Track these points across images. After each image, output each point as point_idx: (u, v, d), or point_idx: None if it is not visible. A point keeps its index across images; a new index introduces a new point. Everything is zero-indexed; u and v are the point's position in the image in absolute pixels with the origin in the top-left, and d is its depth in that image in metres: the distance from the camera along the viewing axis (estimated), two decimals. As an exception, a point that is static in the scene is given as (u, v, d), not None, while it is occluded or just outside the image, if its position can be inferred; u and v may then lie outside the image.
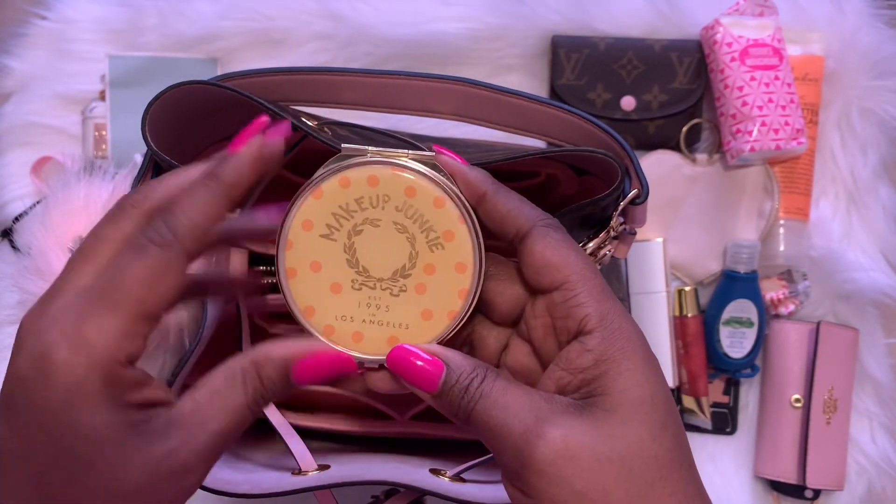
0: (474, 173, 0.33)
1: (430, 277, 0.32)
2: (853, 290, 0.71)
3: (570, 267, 0.31)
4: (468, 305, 0.32)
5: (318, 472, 0.44)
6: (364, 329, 0.32)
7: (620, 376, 0.30)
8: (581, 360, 0.30)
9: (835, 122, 0.73)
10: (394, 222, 0.32)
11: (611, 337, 0.30)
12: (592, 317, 0.31)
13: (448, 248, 0.32)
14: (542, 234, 0.32)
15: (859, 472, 0.71)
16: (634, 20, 0.73)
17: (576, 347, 0.31)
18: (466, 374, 0.30)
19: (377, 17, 0.72)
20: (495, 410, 0.29)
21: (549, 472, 0.28)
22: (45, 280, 0.50)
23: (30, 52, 0.73)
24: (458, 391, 0.30)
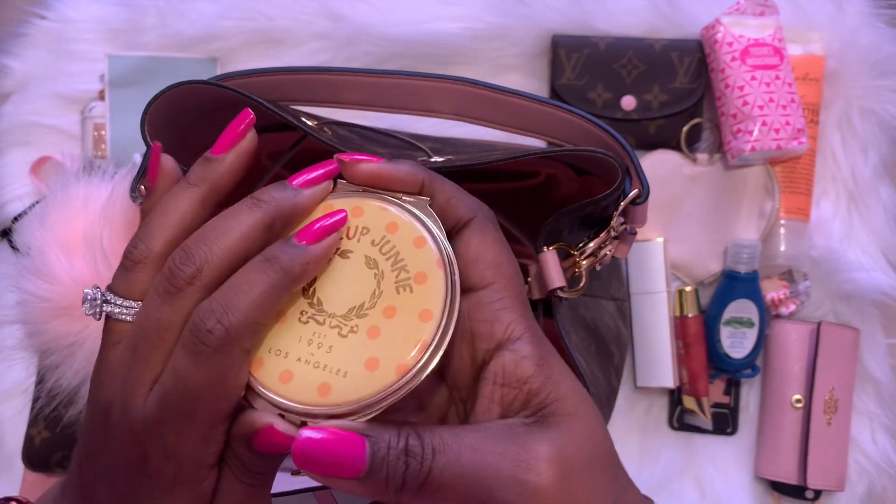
0: (404, 166, 0.30)
1: (388, 321, 0.27)
2: (854, 291, 0.71)
3: (502, 267, 0.29)
4: (422, 361, 0.26)
5: (318, 473, 0.44)
6: (296, 368, 0.27)
7: (563, 379, 0.28)
8: (521, 369, 0.28)
9: (835, 122, 0.72)
10: (366, 256, 0.28)
11: (540, 342, 0.28)
12: (520, 322, 0.28)
13: (417, 291, 0.27)
14: (482, 227, 0.29)
15: (860, 473, 0.71)
16: (635, 19, 0.73)
17: (508, 358, 0.28)
18: (395, 436, 0.26)
19: (377, 16, 0.72)
20: (464, 457, 0.26)
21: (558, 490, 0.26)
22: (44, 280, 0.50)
23: (29, 51, 0.73)
24: (396, 459, 0.25)
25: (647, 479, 0.71)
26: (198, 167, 0.31)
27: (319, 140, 0.43)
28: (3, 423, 0.70)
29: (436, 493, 0.26)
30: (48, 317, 0.50)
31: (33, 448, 0.65)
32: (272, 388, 0.27)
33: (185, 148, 0.50)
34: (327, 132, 0.46)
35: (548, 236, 0.41)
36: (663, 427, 0.73)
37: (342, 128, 0.49)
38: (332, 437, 0.25)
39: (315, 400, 0.27)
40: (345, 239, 0.29)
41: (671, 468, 0.72)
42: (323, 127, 0.47)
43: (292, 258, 0.27)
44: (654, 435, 0.72)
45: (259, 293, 0.26)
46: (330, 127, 0.48)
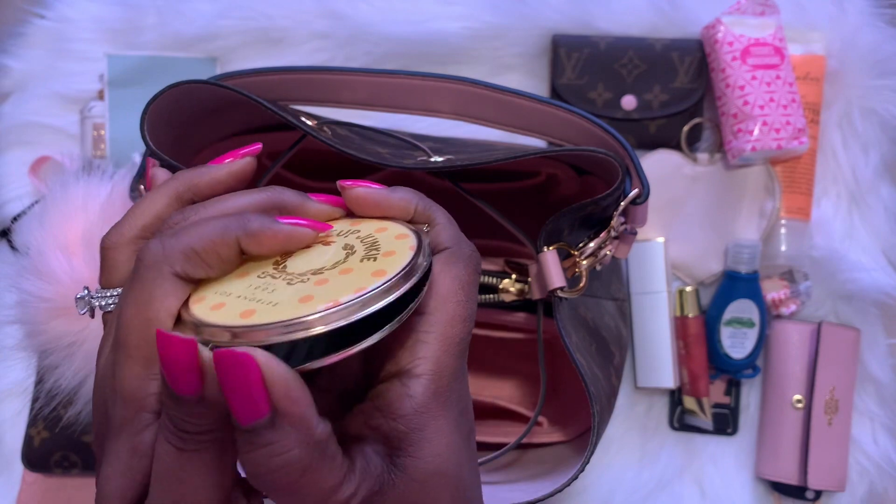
0: (399, 194, 0.30)
1: (340, 276, 0.26)
2: (855, 291, 0.71)
3: (447, 304, 0.28)
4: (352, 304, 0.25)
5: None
6: (230, 301, 0.26)
7: (435, 438, 0.27)
8: (400, 405, 0.27)
9: (836, 122, 0.72)
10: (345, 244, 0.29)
11: (435, 392, 0.27)
12: (429, 360, 0.27)
13: (379, 260, 0.27)
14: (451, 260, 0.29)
15: (861, 473, 0.71)
16: (635, 19, 0.73)
17: (398, 389, 0.27)
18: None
19: (377, 15, 0.72)
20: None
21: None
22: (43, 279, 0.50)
23: (28, 51, 0.73)
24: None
25: (648, 480, 0.71)
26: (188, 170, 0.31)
27: (319, 139, 0.43)
28: (2, 423, 0.70)
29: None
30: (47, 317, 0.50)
31: (32, 448, 0.65)
32: (199, 315, 0.26)
33: (184, 147, 0.50)
34: (327, 132, 0.45)
35: (548, 236, 0.41)
36: (664, 427, 0.73)
37: (342, 127, 0.49)
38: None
39: (234, 321, 0.25)
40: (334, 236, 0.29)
41: (671, 468, 0.71)
42: (323, 126, 0.46)
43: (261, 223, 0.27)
44: (655, 435, 0.72)
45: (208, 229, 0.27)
46: (330, 126, 0.47)
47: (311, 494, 0.25)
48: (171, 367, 0.24)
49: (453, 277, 0.28)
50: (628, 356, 0.71)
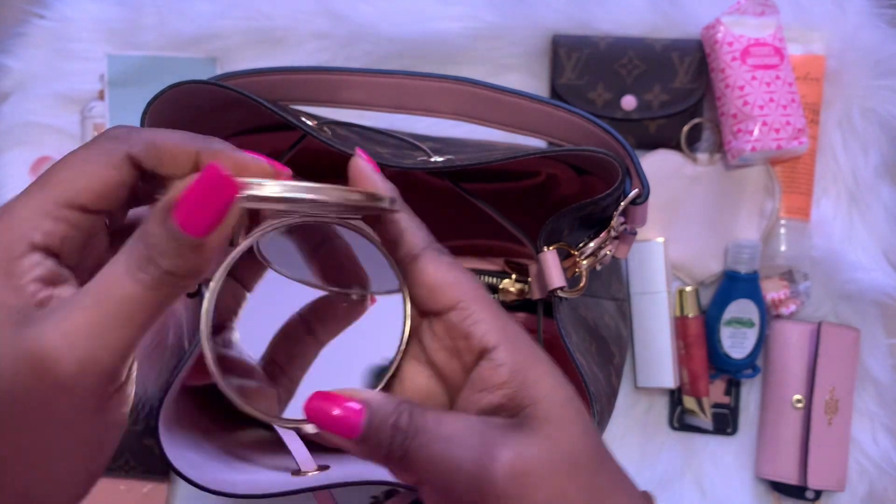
0: (385, 184, 0.32)
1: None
2: (854, 291, 0.71)
3: (462, 286, 0.31)
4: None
5: (318, 473, 0.44)
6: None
7: (541, 381, 0.30)
8: (496, 376, 0.30)
9: (836, 122, 0.72)
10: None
11: (516, 348, 0.30)
12: (492, 332, 0.30)
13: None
14: (434, 256, 0.31)
15: (861, 473, 0.71)
16: (635, 19, 0.73)
17: (486, 367, 0.30)
18: (390, 410, 0.29)
19: (377, 16, 0.72)
20: (436, 444, 0.28)
21: (513, 493, 0.28)
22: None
23: (28, 51, 0.73)
24: (386, 431, 0.29)
25: (648, 480, 0.71)
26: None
27: (319, 139, 0.43)
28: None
29: (411, 469, 0.29)
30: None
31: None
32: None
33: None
34: (327, 132, 0.46)
35: (548, 236, 0.41)
36: (663, 427, 0.73)
37: (342, 127, 0.49)
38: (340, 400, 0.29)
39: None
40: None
41: (671, 468, 0.72)
42: (323, 127, 0.46)
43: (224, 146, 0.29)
44: (655, 435, 0.72)
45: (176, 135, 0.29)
46: (330, 126, 0.47)
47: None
48: (199, 203, 0.25)
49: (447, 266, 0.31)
50: (628, 356, 0.71)
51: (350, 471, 0.45)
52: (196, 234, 0.25)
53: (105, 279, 0.26)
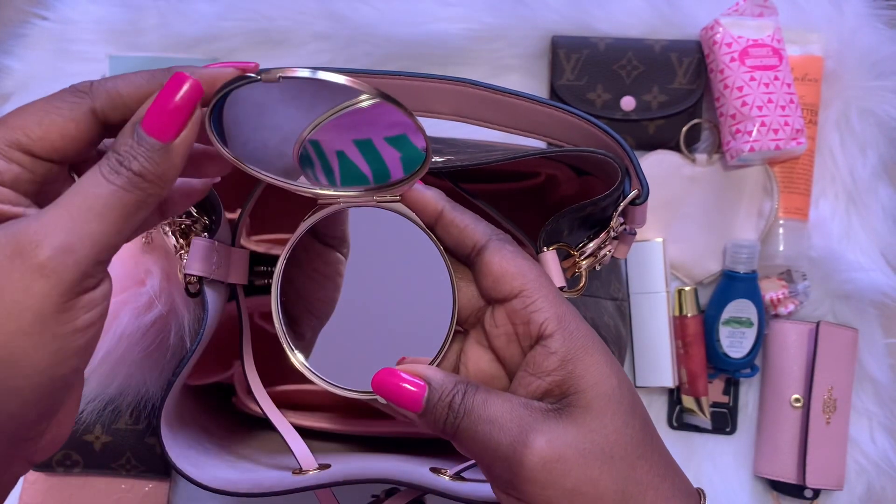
0: (431, 192, 0.35)
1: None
2: (852, 291, 0.71)
3: (526, 275, 0.33)
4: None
5: (319, 472, 0.44)
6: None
7: (587, 373, 0.32)
8: (547, 363, 0.32)
9: (834, 123, 0.73)
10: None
11: (570, 337, 0.32)
12: (551, 320, 0.32)
13: None
14: (499, 246, 0.34)
15: (859, 472, 0.71)
16: (634, 20, 0.73)
17: (540, 352, 0.32)
18: (448, 390, 0.32)
19: (377, 17, 0.72)
20: (480, 426, 0.31)
21: (541, 477, 0.30)
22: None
23: (30, 52, 0.73)
24: (442, 408, 0.32)
25: (647, 479, 0.71)
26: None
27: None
28: (4, 423, 0.70)
29: (463, 444, 0.32)
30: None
31: (34, 447, 0.65)
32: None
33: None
34: (328, 133, 0.46)
35: (548, 237, 0.41)
36: (662, 426, 0.73)
37: (343, 128, 0.49)
38: (405, 376, 0.32)
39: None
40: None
41: (670, 467, 0.72)
42: (324, 127, 0.47)
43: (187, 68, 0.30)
44: (654, 434, 0.72)
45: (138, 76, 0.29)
46: (330, 127, 0.48)
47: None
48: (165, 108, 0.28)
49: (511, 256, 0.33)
50: (627, 356, 0.71)
51: (351, 470, 0.45)
52: (162, 138, 0.28)
53: (81, 184, 0.27)
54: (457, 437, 0.32)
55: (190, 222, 0.45)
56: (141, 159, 0.28)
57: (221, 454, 0.49)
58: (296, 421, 0.54)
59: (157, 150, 0.28)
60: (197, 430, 0.49)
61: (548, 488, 0.30)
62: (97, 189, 0.27)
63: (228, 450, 0.50)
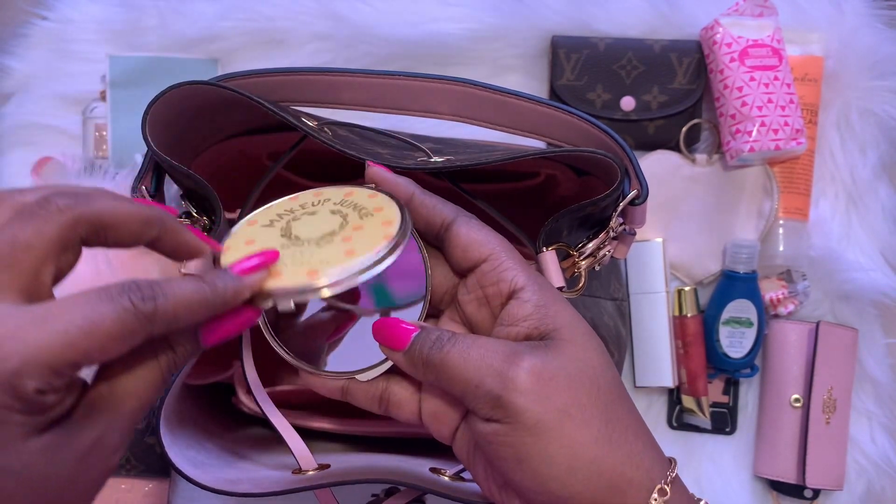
0: (401, 179, 0.37)
1: (358, 232, 0.34)
2: (852, 291, 0.71)
3: (492, 241, 0.36)
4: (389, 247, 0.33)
5: (318, 471, 0.44)
6: (284, 269, 0.32)
7: (562, 314, 0.34)
8: (522, 310, 0.34)
9: (834, 123, 0.73)
10: (330, 210, 0.35)
11: (541, 287, 0.35)
12: (521, 275, 0.35)
13: (377, 215, 0.35)
14: (465, 220, 0.36)
15: (859, 472, 0.71)
16: (634, 20, 0.73)
17: (514, 304, 0.35)
18: (435, 331, 0.34)
19: (377, 17, 0.72)
20: (472, 350, 0.33)
21: (534, 389, 0.32)
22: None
23: (30, 52, 0.73)
24: (428, 342, 0.34)
25: (647, 479, 0.71)
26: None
27: (319, 140, 0.43)
28: (4, 423, 0.70)
29: (447, 373, 0.33)
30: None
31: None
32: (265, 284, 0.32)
33: (186, 148, 0.50)
34: (328, 133, 0.46)
35: (547, 237, 0.41)
36: (662, 426, 0.73)
37: (342, 128, 0.49)
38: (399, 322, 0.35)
39: (304, 281, 0.31)
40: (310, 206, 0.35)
41: (670, 467, 0.72)
42: (323, 127, 0.47)
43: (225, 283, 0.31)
44: (653, 434, 0.72)
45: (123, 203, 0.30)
46: (330, 127, 0.48)
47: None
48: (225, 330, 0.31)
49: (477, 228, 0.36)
50: (627, 356, 0.71)
51: (350, 470, 0.45)
52: (206, 342, 0.31)
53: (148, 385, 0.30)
54: (445, 362, 0.33)
55: (190, 223, 0.45)
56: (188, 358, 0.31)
57: (221, 454, 0.49)
58: (295, 421, 0.53)
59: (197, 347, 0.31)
60: (197, 430, 0.49)
61: (539, 402, 0.32)
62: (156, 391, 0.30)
63: (228, 450, 0.50)
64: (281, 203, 0.37)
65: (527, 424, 0.31)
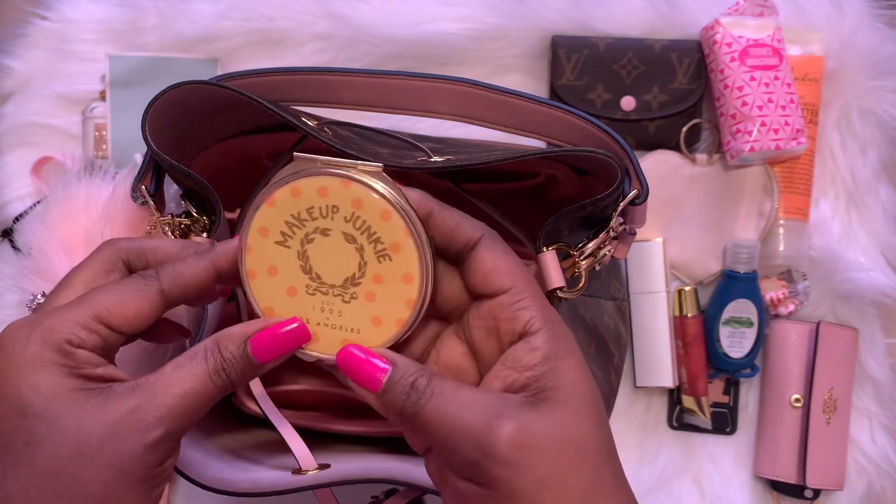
0: (414, 194, 0.34)
1: (379, 286, 0.33)
2: (853, 290, 0.71)
3: (516, 274, 0.33)
4: (416, 315, 0.33)
5: (318, 472, 0.44)
6: (319, 331, 0.34)
7: (567, 372, 0.32)
8: (528, 357, 0.32)
9: (834, 122, 0.73)
10: (343, 232, 0.33)
11: (554, 337, 0.32)
12: (538, 318, 0.32)
13: (395, 259, 0.33)
14: (491, 243, 0.34)
15: (859, 472, 0.71)
16: (634, 20, 0.73)
17: (522, 347, 0.32)
18: (411, 373, 0.32)
19: (377, 17, 0.72)
20: (451, 407, 0.31)
21: (512, 460, 0.30)
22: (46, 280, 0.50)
23: (30, 52, 0.73)
24: (403, 389, 0.31)
25: (647, 479, 0.71)
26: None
27: (320, 140, 0.43)
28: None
29: (423, 427, 0.31)
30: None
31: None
32: (306, 348, 0.34)
33: (186, 147, 0.50)
34: (328, 132, 0.46)
35: (547, 237, 0.41)
36: (662, 426, 0.73)
37: (342, 128, 0.49)
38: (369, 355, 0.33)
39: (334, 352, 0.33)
40: (320, 218, 0.33)
41: (670, 467, 0.72)
42: (323, 127, 0.47)
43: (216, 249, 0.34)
44: (654, 434, 0.73)
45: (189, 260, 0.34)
46: (330, 127, 0.48)
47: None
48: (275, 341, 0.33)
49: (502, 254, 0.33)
50: (627, 356, 0.71)
51: (350, 470, 0.45)
52: (260, 360, 0.33)
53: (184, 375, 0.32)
54: (420, 416, 0.31)
55: (190, 223, 0.45)
56: (238, 370, 0.32)
57: (221, 454, 0.49)
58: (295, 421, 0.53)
59: (252, 367, 0.33)
60: (197, 430, 0.49)
61: (518, 473, 0.30)
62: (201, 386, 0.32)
63: (228, 450, 0.50)
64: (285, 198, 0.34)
65: (503, 493, 0.30)
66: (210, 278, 0.34)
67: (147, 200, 0.45)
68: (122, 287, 0.33)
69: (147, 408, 0.30)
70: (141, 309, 0.33)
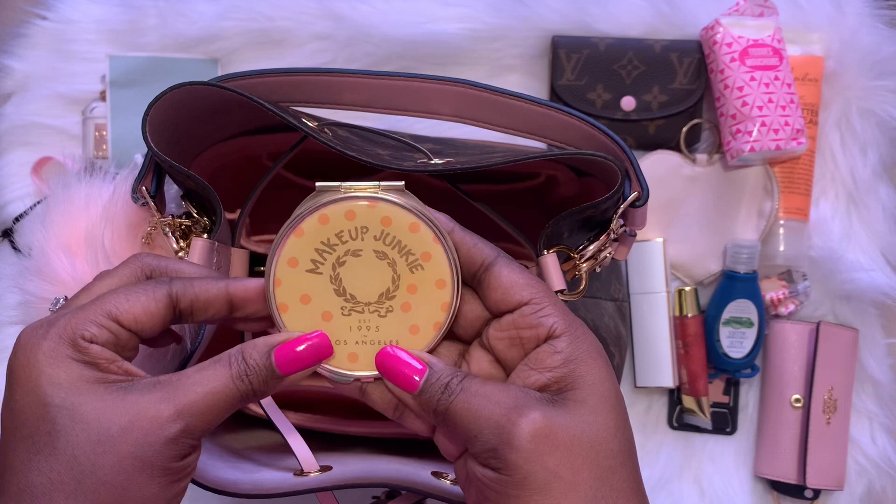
0: (440, 216, 0.35)
1: (414, 296, 0.35)
2: (853, 291, 0.71)
3: (535, 286, 0.35)
4: (451, 316, 0.35)
5: (320, 473, 0.44)
6: (358, 350, 0.35)
7: (588, 374, 0.33)
8: (551, 360, 0.33)
9: (835, 123, 0.73)
10: (374, 251, 0.34)
11: (577, 341, 0.34)
12: (560, 324, 0.34)
13: (427, 267, 0.34)
14: (507, 261, 0.35)
15: (859, 473, 0.71)
16: (634, 20, 0.73)
17: (545, 350, 0.34)
18: (447, 374, 0.33)
19: (377, 17, 0.72)
20: (476, 399, 0.32)
21: (527, 448, 0.31)
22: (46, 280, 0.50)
23: (30, 52, 0.73)
24: (438, 388, 0.33)
25: (647, 479, 0.71)
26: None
27: (320, 141, 0.43)
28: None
29: (453, 420, 0.33)
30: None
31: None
32: (346, 367, 0.35)
33: (186, 148, 0.50)
34: (328, 133, 0.46)
35: (548, 239, 0.41)
36: (663, 427, 0.73)
37: (342, 129, 0.49)
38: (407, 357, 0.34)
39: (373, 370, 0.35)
40: (350, 241, 0.34)
41: (671, 468, 0.72)
42: (323, 128, 0.47)
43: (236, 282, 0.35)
44: (654, 434, 0.73)
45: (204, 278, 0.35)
46: (330, 128, 0.48)
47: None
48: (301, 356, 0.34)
49: (519, 270, 0.35)
50: (627, 356, 0.71)
51: (352, 472, 0.45)
52: (283, 371, 0.33)
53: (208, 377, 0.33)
54: (449, 413, 0.33)
55: (190, 223, 0.45)
56: (261, 379, 0.33)
57: (222, 454, 0.49)
58: (298, 422, 0.54)
59: (274, 377, 0.33)
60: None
61: (531, 461, 0.31)
62: (223, 387, 0.32)
63: (229, 450, 0.50)
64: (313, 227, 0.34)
65: (516, 479, 0.31)
66: (220, 299, 0.35)
67: (147, 201, 0.45)
68: (133, 288, 0.34)
69: (167, 402, 0.31)
70: (148, 307, 0.33)
